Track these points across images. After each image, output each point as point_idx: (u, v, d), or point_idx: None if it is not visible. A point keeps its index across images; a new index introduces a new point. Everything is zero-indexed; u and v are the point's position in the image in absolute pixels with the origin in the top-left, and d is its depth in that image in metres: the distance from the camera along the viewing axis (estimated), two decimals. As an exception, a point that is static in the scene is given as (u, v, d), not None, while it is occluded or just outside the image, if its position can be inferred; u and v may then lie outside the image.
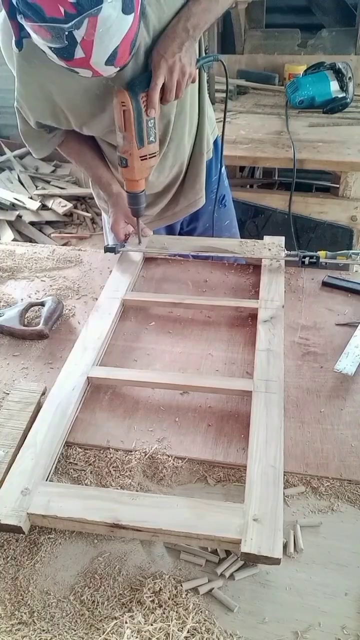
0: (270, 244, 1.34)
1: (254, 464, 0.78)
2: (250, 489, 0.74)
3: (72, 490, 0.76)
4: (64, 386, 0.94)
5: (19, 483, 0.76)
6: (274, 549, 0.66)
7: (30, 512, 0.72)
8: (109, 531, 0.72)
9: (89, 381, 0.97)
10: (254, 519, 0.70)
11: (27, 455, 0.81)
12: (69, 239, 3.68)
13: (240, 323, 1.15)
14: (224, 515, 0.71)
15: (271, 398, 0.89)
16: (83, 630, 0.65)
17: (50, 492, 0.75)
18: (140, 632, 0.63)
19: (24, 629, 0.65)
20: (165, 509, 0.72)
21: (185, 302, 1.18)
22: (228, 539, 0.68)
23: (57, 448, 0.84)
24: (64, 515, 0.71)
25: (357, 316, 1.16)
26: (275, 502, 0.72)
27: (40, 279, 1.35)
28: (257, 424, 0.85)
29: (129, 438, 0.89)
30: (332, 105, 2.55)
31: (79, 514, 0.71)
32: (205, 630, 0.64)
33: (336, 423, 0.91)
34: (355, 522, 0.77)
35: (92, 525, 0.71)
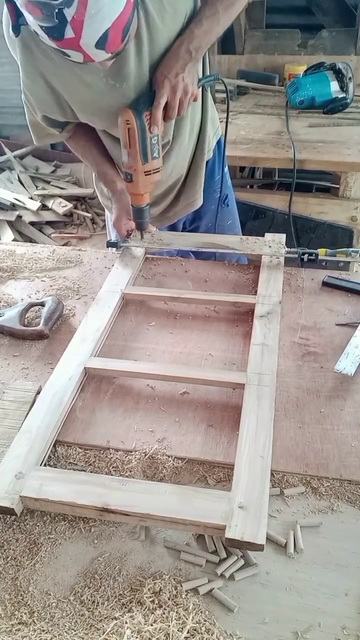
0: (270, 241, 1.35)
1: (243, 453, 0.80)
2: (237, 478, 0.76)
3: (64, 475, 0.79)
4: (61, 375, 0.96)
5: (14, 467, 0.79)
6: (257, 535, 0.68)
7: (23, 495, 0.74)
8: (98, 515, 0.74)
9: (86, 371, 0.99)
10: (239, 507, 0.71)
11: (22, 441, 0.84)
12: (69, 239, 3.68)
13: (239, 319, 1.16)
14: (211, 502, 0.73)
15: (263, 391, 0.91)
16: (83, 631, 0.65)
17: (43, 476, 0.78)
18: (140, 633, 0.63)
19: (24, 629, 0.65)
20: (154, 494, 0.74)
21: (184, 296, 1.19)
22: (213, 524, 0.70)
23: (52, 435, 0.86)
24: (55, 498, 0.74)
25: (357, 316, 1.16)
26: (261, 490, 0.74)
27: (41, 279, 1.35)
28: (247, 415, 0.87)
29: (129, 438, 0.89)
30: (332, 105, 2.55)
31: (70, 497, 0.74)
32: (205, 631, 0.64)
33: (336, 423, 0.91)
34: (355, 522, 0.77)
35: (81, 509, 0.74)
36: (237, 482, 0.75)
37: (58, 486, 0.76)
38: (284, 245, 1.33)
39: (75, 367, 0.98)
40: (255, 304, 1.14)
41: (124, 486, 0.76)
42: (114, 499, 0.73)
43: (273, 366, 0.97)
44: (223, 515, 0.70)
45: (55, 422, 0.88)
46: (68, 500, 0.74)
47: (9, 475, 0.78)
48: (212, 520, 0.70)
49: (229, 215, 1.62)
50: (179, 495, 0.74)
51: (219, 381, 0.96)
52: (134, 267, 1.30)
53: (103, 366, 1.00)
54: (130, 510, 0.72)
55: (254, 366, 0.97)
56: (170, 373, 0.98)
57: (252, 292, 1.24)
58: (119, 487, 0.75)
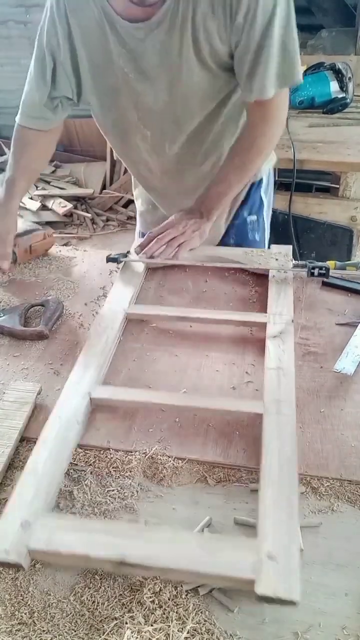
0: (277, 253, 1.30)
1: (267, 494, 0.74)
2: (263, 523, 0.70)
3: (75, 523, 0.72)
4: (65, 407, 0.90)
5: (19, 514, 0.72)
6: (290, 591, 0.62)
7: (30, 547, 0.68)
8: (114, 568, 0.68)
9: (92, 402, 0.93)
10: (268, 557, 0.65)
11: (28, 483, 0.77)
12: (69, 240, 3.68)
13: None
14: (237, 552, 0.67)
15: (283, 421, 0.85)
16: (83, 631, 0.65)
17: (52, 525, 0.71)
18: (141, 633, 0.63)
19: (24, 629, 0.65)
20: (175, 544, 0.68)
21: (191, 315, 1.13)
22: (241, 578, 0.64)
23: (59, 476, 0.80)
24: (66, 551, 0.67)
25: (357, 316, 1.16)
26: (290, 536, 0.68)
27: (40, 279, 1.35)
28: (268, 450, 0.80)
29: (129, 438, 0.89)
30: (332, 105, 2.55)
31: (83, 549, 0.67)
32: (205, 631, 0.64)
33: (336, 423, 0.91)
34: (355, 522, 0.77)
35: (96, 562, 0.67)
36: (263, 528, 0.69)
37: (69, 536, 0.69)
38: (292, 258, 1.29)
39: (80, 397, 0.92)
40: (267, 323, 1.08)
41: (142, 535, 0.70)
42: (132, 550, 0.67)
43: (291, 392, 0.91)
44: (251, 568, 0.64)
45: (62, 462, 0.81)
46: (81, 553, 0.67)
47: (14, 524, 0.70)
48: (239, 574, 0.64)
49: (254, 235, 1.53)
50: (202, 545, 0.68)
51: (235, 411, 0.90)
52: (135, 285, 1.24)
53: (110, 396, 0.94)
54: (151, 563, 0.66)
55: (270, 393, 0.91)
56: (182, 403, 0.92)
57: (253, 293, 1.24)
58: (137, 536, 0.69)
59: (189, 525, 0.76)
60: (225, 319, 1.13)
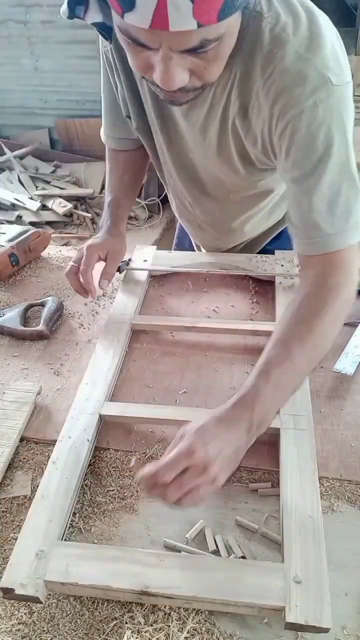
0: (281, 259, 1.28)
1: (290, 515, 0.72)
2: (288, 545, 0.68)
3: (92, 551, 0.69)
4: (75, 426, 0.87)
5: (33, 544, 0.69)
6: (322, 617, 0.60)
7: (47, 579, 0.65)
8: (136, 598, 0.65)
9: (102, 419, 0.90)
10: (296, 581, 0.64)
11: (40, 509, 0.74)
12: (69, 240, 3.68)
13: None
14: (263, 577, 0.65)
15: (301, 436, 0.83)
16: (83, 631, 0.65)
17: (68, 553, 0.68)
18: (140, 633, 0.63)
19: (24, 629, 0.65)
20: (198, 571, 0.66)
21: (198, 325, 1.11)
22: (270, 606, 0.62)
23: (72, 500, 0.77)
24: (85, 582, 0.64)
25: (357, 316, 1.16)
26: (318, 558, 0.66)
27: (40, 279, 1.35)
28: (288, 469, 0.78)
29: (129, 438, 0.89)
30: (332, 105, 2.54)
31: (103, 580, 0.65)
32: (205, 631, 0.64)
33: (336, 423, 0.91)
34: (355, 522, 0.77)
35: (117, 593, 0.65)
36: (289, 550, 0.67)
37: (87, 566, 0.66)
38: (297, 264, 1.25)
39: (89, 415, 0.89)
40: None
41: (163, 562, 0.67)
42: (154, 579, 0.64)
43: (307, 406, 0.88)
44: (280, 594, 0.62)
45: (75, 485, 0.78)
46: (101, 584, 0.64)
47: (29, 554, 0.67)
48: (268, 602, 0.62)
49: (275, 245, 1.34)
50: (226, 571, 0.65)
51: None
52: (138, 294, 1.21)
53: (120, 413, 0.91)
54: (174, 592, 0.63)
55: (286, 407, 0.88)
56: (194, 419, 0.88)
57: (253, 294, 1.24)
58: (157, 564, 0.66)
59: (189, 525, 0.76)
60: (233, 329, 1.10)
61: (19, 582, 0.65)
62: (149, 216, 3.75)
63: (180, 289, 1.28)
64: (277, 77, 0.76)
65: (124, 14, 0.62)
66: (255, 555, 0.72)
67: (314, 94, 0.74)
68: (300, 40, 0.75)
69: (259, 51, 0.76)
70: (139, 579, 0.65)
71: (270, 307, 1.20)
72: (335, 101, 0.75)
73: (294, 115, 0.76)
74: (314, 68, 0.74)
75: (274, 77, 0.76)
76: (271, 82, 0.77)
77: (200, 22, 0.61)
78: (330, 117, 0.75)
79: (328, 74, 0.74)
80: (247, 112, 0.83)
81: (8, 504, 0.80)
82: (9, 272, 1.34)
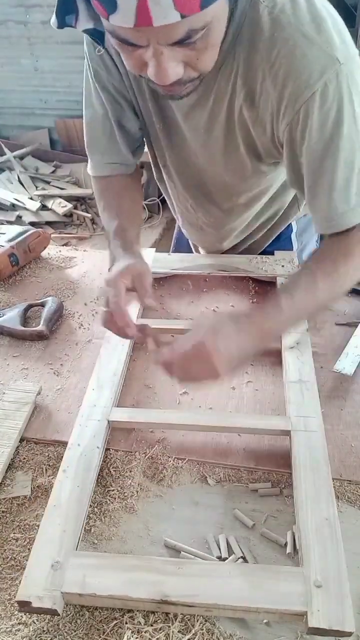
0: (281, 259, 1.28)
1: (307, 519, 0.71)
2: (306, 549, 0.68)
3: (108, 561, 0.68)
4: (83, 433, 0.86)
5: (49, 554, 0.68)
6: (344, 621, 0.59)
7: (64, 590, 0.64)
8: (155, 607, 0.64)
9: (110, 425, 0.89)
10: (317, 586, 0.63)
11: (53, 519, 0.72)
12: (68, 240, 3.68)
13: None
14: (283, 583, 0.64)
15: (312, 438, 0.83)
16: (83, 631, 0.65)
17: (84, 564, 0.67)
18: (140, 633, 0.63)
19: (24, 629, 0.65)
20: (216, 578, 0.65)
21: None
22: (292, 611, 0.62)
23: (85, 508, 0.76)
24: (103, 593, 0.63)
25: (357, 316, 1.16)
26: (337, 561, 0.66)
27: (40, 279, 1.35)
28: (302, 471, 0.78)
29: (129, 438, 0.89)
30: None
31: (121, 590, 0.63)
32: (205, 631, 0.64)
33: (336, 423, 0.91)
34: (355, 522, 0.77)
35: (136, 603, 0.64)
36: (307, 554, 0.67)
37: (104, 576, 0.65)
38: (297, 264, 1.26)
39: (97, 422, 0.88)
40: None
41: (181, 569, 0.66)
42: (173, 587, 0.63)
43: (317, 407, 0.88)
44: (301, 599, 0.62)
45: (88, 493, 0.77)
46: (119, 594, 0.63)
47: (44, 565, 0.66)
48: (290, 607, 0.61)
49: None
50: (245, 577, 0.65)
51: (260, 429, 0.87)
52: None
53: (128, 418, 0.90)
54: (195, 601, 0.63)
55: (296, 409, 0.88)
56: (205, 422, 0.88)
57: (252, 294, 1.24)
58: (175, 572, 0.65)
59: (188, 524, 0.76)
60: None
61: (35, 594, 0.63)
62: (148, 216, 3.75)
63: (180, 289, 1.28)
64: (283, 61, 0.75)
65: (109, 16, 0.63)
66: (255, 556, 0.72)
67: (324, 75, 0.74)
68: (302, 20, 0.74)
69: (260, 36, 0.75)
70: (158, 587, 0.64)
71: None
72: (344, 78, 0.74)
73: (305, 99, 0.76)
74: (320, 48, 0.73)
75: (279, 61, 0.75)
76: (277, 66, 0.76)
77: (183, 13, 0.61)
78: (340, 95, 0.75)
79: (334, 53, 0.73)
80: (254, 100, 0.82)
81: (8, 504, 0.80)
82: (8, 272, 1.34)
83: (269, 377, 1.01)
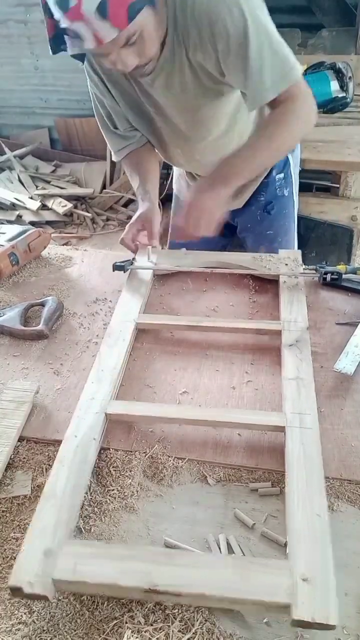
0: (285, 258, 1.28)
1: (297, 513, 0.72)
2: (294, 544, 0.68)
3: (100, 550, 0.69)
4: (81, 424, 0.87)
5: (41, 542, 0.69)
6: (329, 615, 0.60)
7: (55, 577, 0.65)
8: (144, 596, 0.65)
9: (107, 417, 0.90)
10: (303, 579, 0.64)
11: (48, 508, 0.73)
12: (69, 239, 3.68)
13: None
14: (270, 575, 0.65)
15: (307, 434, 0.83)
16: (83, 631, 0.65)
17: (76, 552, 0.68)
18: (140, 633, 0.63)
19: (23, 629, 0.65)
20: (205, 569, 0.66)
21: (202, 324, 1.11)
22: (277, 603, 0.62)
23: (80, 498, 0.77)
24: (93, 580, 0.64)
25: (357, 315, 1.16)
26: (324, 556, 0.66)
27: (40, 279, 1.35)
28: (295, 467, 0.78)
29: (129, 438, 0.89)
30: (333, 105, 2.55)
31: (111, 578, 0.64)
32: (205, 631, 0.64)
33: (336, 423, 0.91)
34: (355, 522, 0.77)
35: (124, 591, 0.65)
36: (294, 549, 0.68)
37: (95, 564, 0.66)
38: (301, 263, 1.27)
39: (94, 414, 0.89)
40: (281, 330, 1.06)
41: (171, 560, 0.67)
42: (162, 576, 0.64)
43: (313, 404, 0.88)
44: (287, 592, 0.62)
45: (83, 483, 0.78)
46: (109, 582, 0.64)
47: (37, 553, 0.67)
48: (275, 599, 0.62)
49: (269, 225, 1.52)
50: (233, 569, 0.65)
51: (255, 424, 0.87)
52: (143, 293, 1.21)
53: (126, 411, 0.90)
54: (183, 590, 0.63)
55: (292, 405, 0.88)
56: (201, 417, 0.89)
57: (253, 293, 1.24)
58: (165, 562, 0.66)
59: (188, 524, 0.76)
60: (236, 327, 1.11)
61: (27, 580, 0.64)
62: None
63: (180, 288, 1.28)
64: (201, 7, 1.04)
65: (83, 46, 0.98)
66: (255, 555, 0.72)
67: (229, 5, 1.02)
68: None
69: (184, 6, 1.05)
70: (147, 577, 0.64)
71: (270, 306, 1.20)
72: (244, 2, 1.03)
73: (222, 23, 1.04)
74: None
75: (197, 8, 1.04)
76: (198, 13, 1.05)
77: (119, 29, 0.95)
78: (242, 14, 1.03)
79: None
80: (196, 45, 1.09)
81: (8, 504, 0.80)
82: (9, 271, 1.34)
83: (268, 376, 1.01)
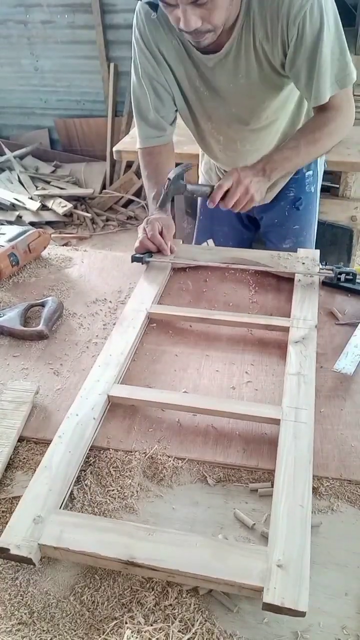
0: (304, 257, 1.29)
1: (280, 501, 0.73)
2: (275, 530, 0.70)
3: (86, 521, 0.72)
4: (83, 404, 0.90)
5: (32, 510, 0.73)
6: (298, 601, 0.62)
7: (41, 542, 0.69)
8: (122, 567, 0.68)
9: (110, 400, 0.93)
10: (278, 565, 0.65)
11: (42, 479, 0.78)
12: (69, 239, 3.68)
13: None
14: (246, 559, 0.66)
15: (300, 429, 0.84)
16: (83, 631, 0.65)
17: (63, 521, 0.72)
18: (140, 633, 0.63)
19: (24, 629, 0.65)
20: (184, 547, 0.68)
21: (213, 317, 1.13)
22: (249, 585, 0.64)
23: (74, 472, 0.80)
24: (76, 548, 0.68)
25: (357, 316, 1.16)
26: (302, 546, 0.68)
27: (40, 279, 1.35)
28: (284, 457, 0.80)
29: (129, 438, 0.90)
30: (332, 105, 2.54)
31: (92, 547, 0.68)
32: (205, 631, 0.64)
33: (336, 423, 0.91)
34: (355, 522, 0.77)
35: (105, 561, 0.68)
36: (274, 535, 0.69)
37: (80, 534, 0.70)
38: (319, 262, 1.28)
39: (97, 395, 0.92)
40: (290, 327, 1.07)
41: (151, 536, 0.69)
42: (141, 551, 0.67)
43: (311, 400, 0.90)
44: (260, 576, 0.64)
45: (77, 459, 0.81)
46: (90, 551, 0.68)
47: (27, 519, 0.72)
48: (247, 581, 0.64)
49: (297, 220, 1.59)
50: (211, 549, 0.68)
51: (251, 415, 0.88)
52: (159, 284, 1.24)
53: (128, 395, 0.93)
54: (159, 565, 0.66)
55: (289, 399, 0.90)
56: (199, 405, 0.91)
57: (253, 293, 1.24)
58: (145, 538, 0.69)
59: (188, 524, 0.76)
60: (247, 322, 1.11)
61: (15, 543, 0.69)
62: (149, 216, 3.75)
63: (180, 288, 1.28)
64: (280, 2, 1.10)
65: None
66: (255, 555, 0.72)
67: (308, 2, 1.10)
68: None
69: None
70: (127, 550, 0.68)
71: (270, 305, 1.20)
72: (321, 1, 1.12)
73: (300, 18, 1.11)
74: None
75: (277, 2, 1.10)
76: (270, 3, 1.10)
77: None
78: (321, 13, 1.12)
79: None
80: (267, 34, 1.15)
81: (8, 504, 0.80)
82: (9, 272, 1.34)
83: (269, 376, 1.01)
